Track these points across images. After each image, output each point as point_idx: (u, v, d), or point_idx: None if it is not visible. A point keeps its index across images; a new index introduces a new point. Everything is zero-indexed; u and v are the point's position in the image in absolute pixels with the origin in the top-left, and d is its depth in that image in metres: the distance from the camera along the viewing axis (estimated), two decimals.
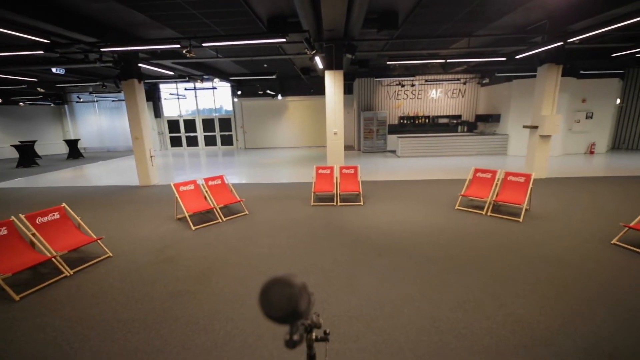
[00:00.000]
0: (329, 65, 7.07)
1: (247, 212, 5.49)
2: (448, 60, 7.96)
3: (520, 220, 4.76)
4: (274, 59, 10.12)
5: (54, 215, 3.88)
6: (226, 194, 5.63)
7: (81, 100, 15.72)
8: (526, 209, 5.07)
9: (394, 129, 13.51)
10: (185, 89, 14.88)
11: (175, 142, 17.09)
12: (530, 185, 4.92)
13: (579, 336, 2.31)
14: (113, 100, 16.52)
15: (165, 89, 16.11)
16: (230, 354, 2.23)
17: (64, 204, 4.07)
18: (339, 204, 5.85)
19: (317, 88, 14.93)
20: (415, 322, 2.53)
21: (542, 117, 7.23)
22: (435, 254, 3.73)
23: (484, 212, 5.13)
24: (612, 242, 3.90)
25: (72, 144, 14.29)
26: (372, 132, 13.09)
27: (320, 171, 6.35)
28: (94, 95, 16.01)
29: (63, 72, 9.02)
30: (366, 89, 13.45)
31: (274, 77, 8.64)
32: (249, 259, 3.73)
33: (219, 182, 5.72)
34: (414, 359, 2.14)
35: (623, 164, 9.10)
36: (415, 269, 3.38)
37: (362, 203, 5.85)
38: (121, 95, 16.24)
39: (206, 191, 5.37)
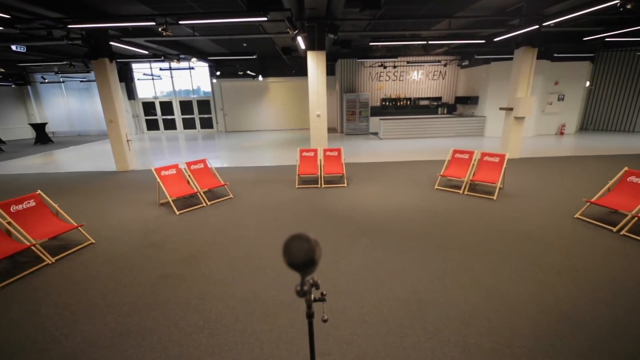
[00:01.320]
0: (311, 46, 6.95)
1: (231, 196, 5.49)
2: (429, 42, 8.00)
3: (494, 198, 5.04)
4: (253, 38, 9.79)
5: (29, 202, 3.74)
6: (209, 177, 5.58)
7: (46, 80, 14.67)
8: (500, 188, 5.36)
9: (376, 111, 13.59)
10: (161, 69, 14.18)
11: (152, 125, 16.43)
12: (504, 165, 5.18)
13: (542, 301, 2.56)
14: (82, 81, 15.55)
15: (139, 69, 15.29)
16: (222, 331, 2.32)
17: (39, 191, 3.93)
18: (323, 186, 5.94)
19: (298, 69, 14.64)
20: (397, 294, 2.70)
21: (517, 99, 7.50)
22: (415, 231, 3.93)
23: (461, 192, 5.38)
24: (575, 216, 4.23)
25: (39, 128, 13.46)
26: (354, 114, 13.11)
27: (304, 154, 6.38)
28: (60, 75, 14.97)
29: (24, 50, 8.35)
30: (348, 70, 13.33)
31: (254, 57, 8.38)
32: (236, 242, 3.78)
33: (202, 166, 5.64)
34: (397, 327, 2.32)
35: (589, 145, 9.67)
36: (397, 246, 3.56)
37: (345, 185, 5.97)
38: (90, 75, 15.29)
39: (189, 175, 5.29)
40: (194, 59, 7.66)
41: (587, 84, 11.98)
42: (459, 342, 2.16)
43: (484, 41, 7.88)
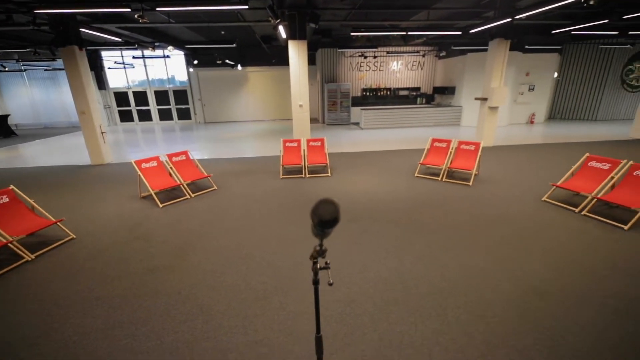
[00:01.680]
0: (292, 35, 6.90)
1: (215, 188, 5.46)
2: (409, 32, 8.13)
3: (470, 184, 5.31)
4: (232, 26, 9.55)
5: (2, 198, 3.59)
6: (192, 169, 5.51)
7: (6, 69, 13.66)
8: (475, 174, 5.64)
9: (357, 101, 13.70)
10: (134, 57, 13.55)
11: (125, 116, 15.76)
12: (479, 153, 5.46)
13: (514, 277, 2.80)
14: (46, 70, 14.59)
15: (109, 57, 14.53)
16: (215, 317, 2.39)
17: (12, 186, 3.76)
18: (307, 175, 6.01)
19: (279, 58, 14.43)
20: (381, 275, 2.86)
21: (491, 89, 7.83)
22: (397, 217, 4.11)
23: (439, 179, 5.63)
24: (542, 199, 4.56)
25: (1, 120, 12.59)
26: (336, 105, 13.16)
27: (288, 144, 6.40)
28: (22, 63, 13.97)
29: None
30: (329, 60, 13.30)
31: (233, 45, 8.19)
32: (223, 232, 3.81)
33: (184, 157, 5.56)
34: (382, 304, 2.47)
35: (557, 133, 10.27)
36: (381, 231, 3.72)
37: (330, 174, 6.08)
38: (56, 63, 14.36)
39: (170, 167, 5.21)
40: (170, 47, 7.36)
41: (555, 74, 12.62)
42: (440, 315, 2.34)
43: (460, 32, 8.11)
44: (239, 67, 14.20)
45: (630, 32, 8.71)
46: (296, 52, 7.03)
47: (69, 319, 2.41)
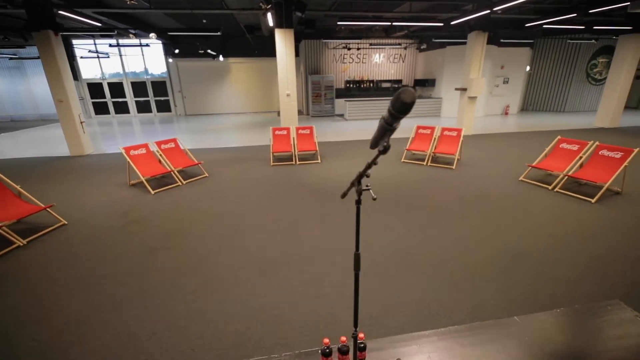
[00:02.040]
0: (279, 23, 6.90)
1: (207, 175, 5.45)
2: (393, 23, 8.33)
3: (454, 167, 5.61)
4: (214, 13, 9.37)
5: None
6: (182, 156, 5.47)
7: None
8: (458, 159, 5.95)
9: (341, 93, 13.84)
10: (110, 45, 12.97)
11: (100, 109, 15.09)
12: (461, 138, 5.75)
13: (495, 245, 3.06)
14: (11, 58, 13.68)
15: (82, 46, 13.83)
16: (224, 287, 2.47)
17: None
18: (297, 162, 6.11)
19: (262, 49, 14.27)
20: (376, 247, 3.03)
21: (470, 80, 8.19)
22: (387, 197, 4.30)
23: (425, 163, 5.89)
24: (519, 179, 4.91)
25: None
26: (320, 96, 13.24)
27: (277, 132, 6.46)
28: None
29: None
30: (313, 51, 13.33)
31: (218, 33, 8.03)
32: (217, 217, 3.86)
33: (173, 145, 5.50)
34: (383, 271, 2.65)
35: (530, 122, 10.88)
36: (372, 210, 3.90)
37: (319, 161, 6.20)
38: (22, 51, 13.53)
39: (160, 155, 5.15)
40: (152, 35, 7.12)
41: (527, 68, 13.29)
42: (435, 278, 2.54)
43: (442, 24, 8.40)
44: (221, 58, 13.94)
45: (594, 27, 9.32)
46: (283, 41, 7.04)
47: (74, 296, 2.42)
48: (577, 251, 2.90)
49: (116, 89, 14.90)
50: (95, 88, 14.74)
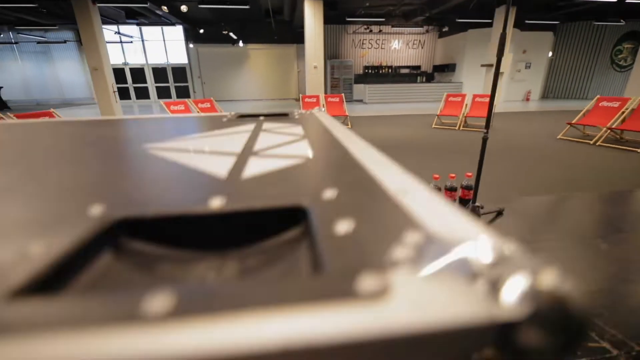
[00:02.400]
0: None
1: None
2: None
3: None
4: None
5: None
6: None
7: None
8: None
9: (359, 79, 13.84)
10: (137, 23, 13.23)
11: (122, 94, 15.36)
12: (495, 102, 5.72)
13: (534, 181, 3.05)
14: (39, 42, 14.10)
15: (106, 31, 14.15)
16: None
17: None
18: None
19: (281, 35, 14.38)
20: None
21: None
22: (425, 149, 4.33)
23: (457, 128, 5.88)
24: (557, 137, 4.87)
25: None
26: (338, 81, 13.28)
27: (307, 99, 6.52)
28: (11, 32, 13.44)
29: None
30: (332, 36, 13.38)
31: (247, 6, 8.11)
32: None
33: (209, 105, 5.61)
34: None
35: (555, 105, 10.73)
36: (413, 158, 3.93)
37: (350, 126, 6.24)
38: (48, 36, 13.93)
39: (197, 112, 5.26)
40: (184, 7, 7.27)
41: (550, 54, 13.12)
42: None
43: None
44: (241, 43, 14.10)
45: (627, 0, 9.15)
46: (312, 13, 7.12)
47: None
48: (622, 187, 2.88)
49: (137, 74, 15.21)
50: (118, 73, 15.04)
